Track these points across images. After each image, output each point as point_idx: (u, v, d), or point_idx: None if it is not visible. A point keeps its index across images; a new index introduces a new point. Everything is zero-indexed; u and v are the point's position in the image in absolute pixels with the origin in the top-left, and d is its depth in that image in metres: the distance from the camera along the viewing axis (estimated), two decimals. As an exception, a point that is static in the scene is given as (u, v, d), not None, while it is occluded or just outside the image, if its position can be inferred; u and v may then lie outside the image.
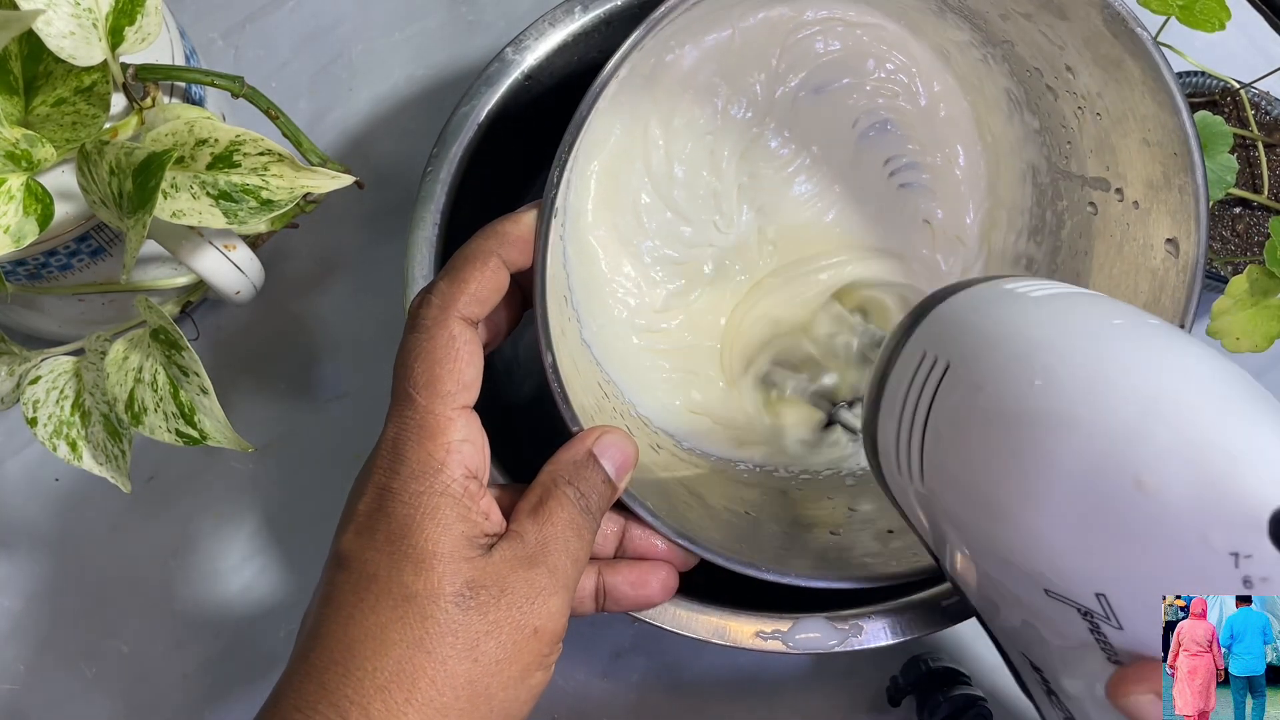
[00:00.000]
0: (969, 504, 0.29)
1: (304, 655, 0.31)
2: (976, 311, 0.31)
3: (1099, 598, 0.26)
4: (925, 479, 0.31)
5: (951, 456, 0.30)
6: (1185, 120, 0.36)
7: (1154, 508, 0.25)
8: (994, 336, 0.30)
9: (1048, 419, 0.27)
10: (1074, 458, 0.26)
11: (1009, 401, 0.28)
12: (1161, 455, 0.25)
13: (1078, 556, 0.26)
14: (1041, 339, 0.28)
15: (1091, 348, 0.28)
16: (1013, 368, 0.28)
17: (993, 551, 0.29)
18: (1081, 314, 0.29)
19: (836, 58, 0.44)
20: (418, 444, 0.31)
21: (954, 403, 0.30)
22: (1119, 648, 0.27)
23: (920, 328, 0.32)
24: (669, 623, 0.39)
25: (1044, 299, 0.30)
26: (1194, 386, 0.26)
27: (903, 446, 0.31)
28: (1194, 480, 0.24)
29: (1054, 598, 0.27)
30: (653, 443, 0.42)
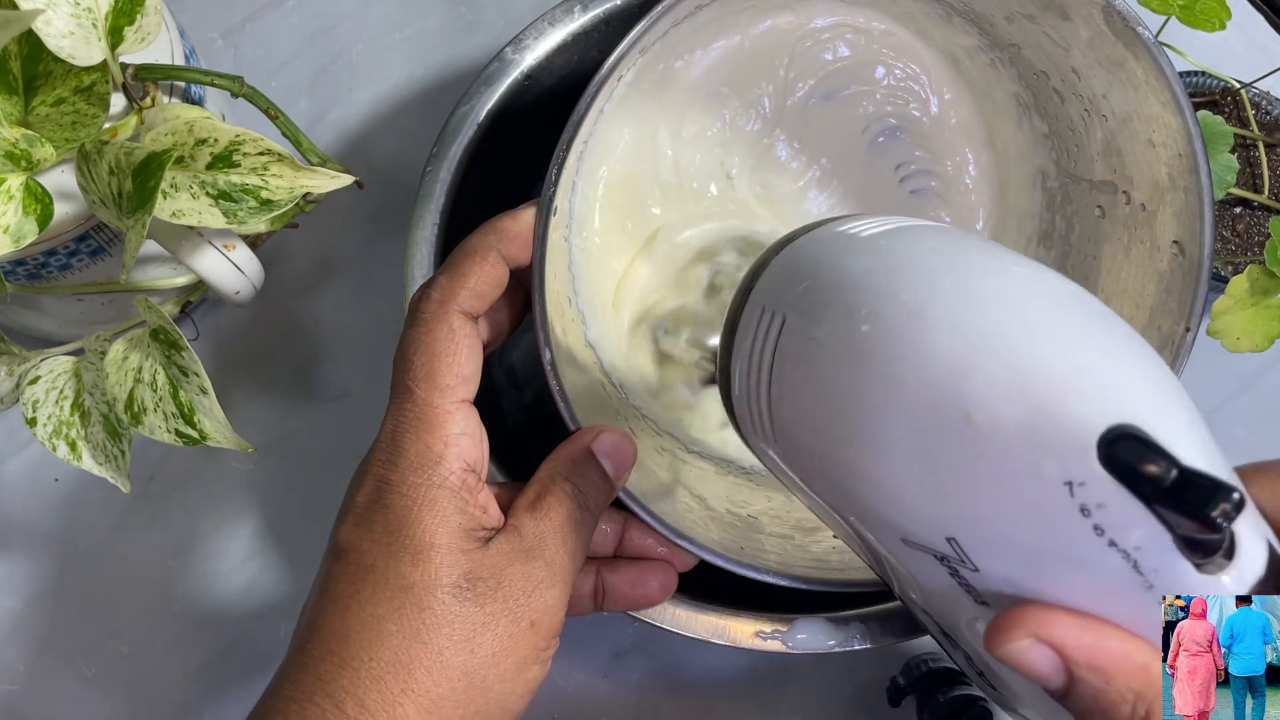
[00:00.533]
0: (818, 459, 0.28)
1: (301, 646, 0.31)
2: (808, 259, 0.30)
3: (949, 541, 0.25)
4: (777, 439, 0.30)
5: (795, 413, 0.29)
6: (1189, 121, 0.36)
7: (986, 443, 0.24)
8: (823, 283, 0.28)
9: (877, 363, 0.26)
10: (906, 400, 0.25)
11: (840, 350, 0.27)
12: (988, 388, 0.24)
13: (922, 501, 0.26)
14: (866, 280, 0.27)
15: (913, 283, 0.26)
16: (842, 313, 0.27)
17: (849, 506, 0.28)
18: (906, 248, 0.28)
19: (846, 65, 0.44)
20: (416, 436, 0.32)
21: (792, 357, 0.28)
22: (981, 589, 0.26)
23: (757, 283, 0.31)
24: (669, 622, 0.39)
25: (870, 237, 0.29)
26: (1018, 314, 0.25)
27: (754, 408, 0.30)
28: (1021, 411, 0.24)
29: (911, 546, 0.27)
30: (656, 444, 0.42)
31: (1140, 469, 0.23)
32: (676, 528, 0.36)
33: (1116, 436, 0.23)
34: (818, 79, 0.44)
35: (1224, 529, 0.22)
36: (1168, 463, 0.23)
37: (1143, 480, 0.23)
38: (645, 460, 0.38)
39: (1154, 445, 0.23)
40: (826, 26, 0.44)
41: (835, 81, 0.44)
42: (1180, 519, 0.23)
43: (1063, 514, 0.24)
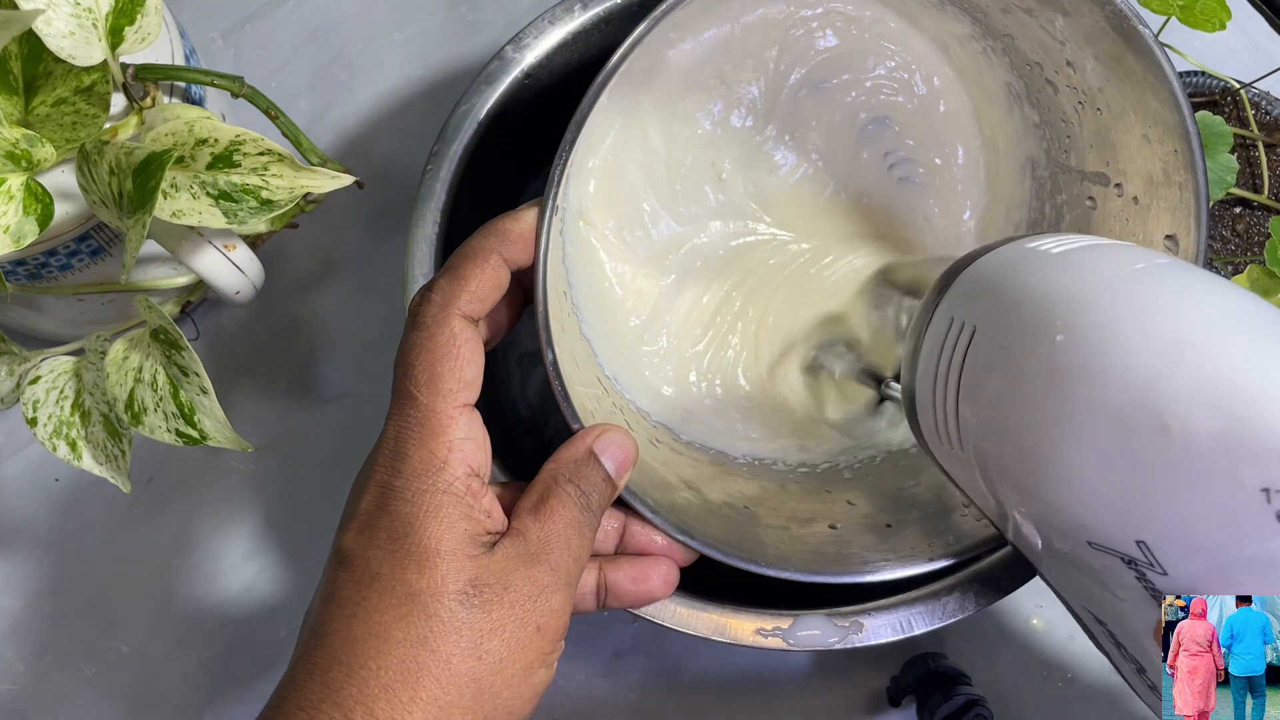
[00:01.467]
0: (1006, 464, 0.29)
1: (306, 655, 0.31)
2: (998, 273, 0.32)
3: (1140, 545, 0.26)
4: (964, 444, 0.31)
5: (985, 419, 0.30)
6: (1186, 117, 0.36)
7: (1182, 451, 0.25)
8: (1016, 295, 0.30)
9: (1072, 372, 0.27)
10: (1100, 408, 0.26)
11: (1034, 359, 0.28)
12: (1184, 398, 0.25)
13: (1114, 506, 0.26)
14: (1060, 293, 0.29)
15: (1109, 296, 0.28)
16: (1035, 324, 0.28)
17: (1036, 510, 0.29)
18: (1099, 263, 0.29)
19: (836, 54, 0.44)
20: (420, 442, 0.31)
21: (982, 365, 0.30)
22: (1168, 593, 0.27)
23: (947, 295, 0.33)
24: (669, 620, 0.39)
25: (1063, 253, 0.30)
26: (1212, 325, 0.26)
27: (939, 413, 0.32)
28: (1218, 420, 0.24)
29: (1098, 549, 0.27)
30: (651, 437, 0.42)
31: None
32: (676, 522, 0.36)
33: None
34: (808, 68, 0.44)
35: None
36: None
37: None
38: (642, 455, 0.38)
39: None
40: (816, 15, 0.44)
41: (825, 70, 0.44)
42: None
43: (1258, 520, 0.24)
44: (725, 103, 0.44)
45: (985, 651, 0.50)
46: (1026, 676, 0.50)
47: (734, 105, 0.44)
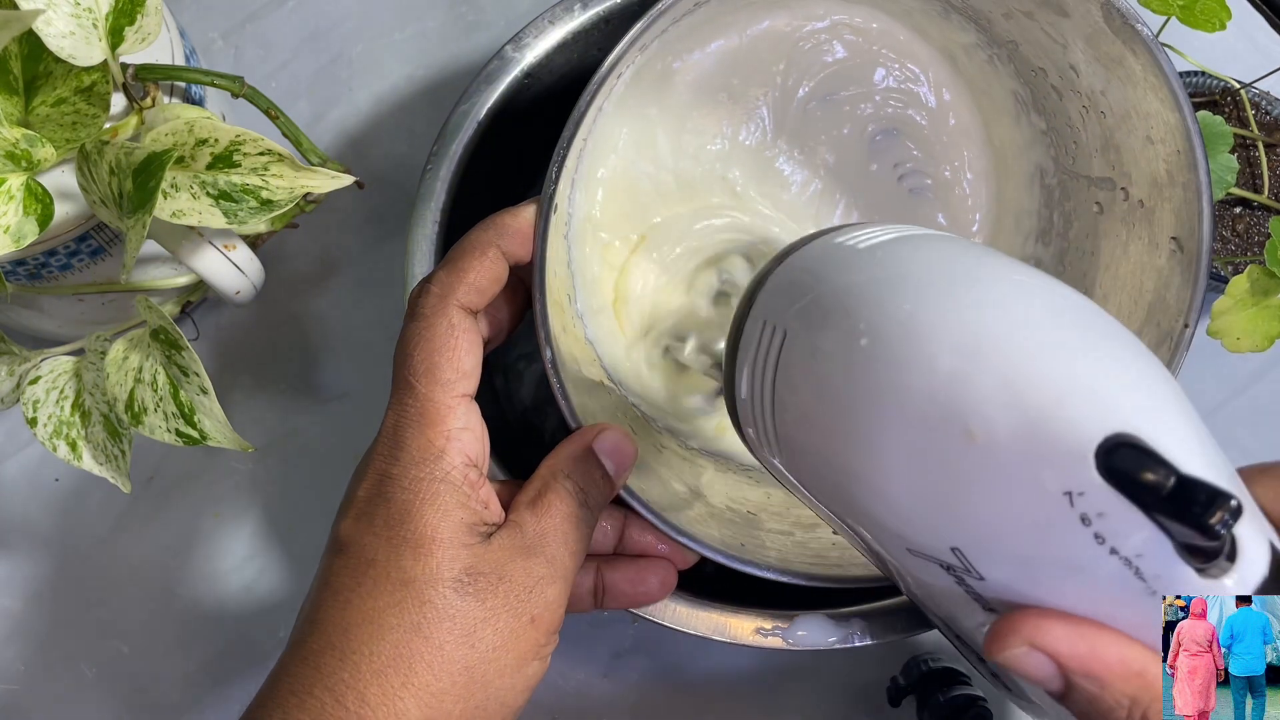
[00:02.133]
0: (822, 471, 0.28)
1: (301, 639, 0.31)
2: (808, 272, 0.30)
3: (954, 551, 0.26)
4: (781, 451, 0.30)
5: (798, 426, 0.29)
6: (1187, 117, 0.36)
7: (986, 456, 0.24)
8: (822, 297, 0.28)
9: (876, 378, 0.26)
10: (906, 415, 0.25)
11: (840, 364, 0.27)
12: (985, 401, 0.24)
13: (926, 513, 0.26)
14: (864, 293, 0.27)
15: (908, 297, 0.26)
16: (840, 328, 0.27)
17: (855, 516, 0.28)
18: (903, 258, 0.28)
19: (844, 67, 0.44)
20: (418, 431, 0.32)
21: (794, 371, 0.29)
22: (987, 597, 0.26)
23: (759, 296, 0.31)
24: (669, 620, 0.39)
25: (869, 248, 0.29)
26: (1012, 324, 0.25)
27: (759, 419, 0.30)
28: (1018, 423, 0.24)
29: (917, 555, 0.27)
30: (656, 442, 0.42)
31: (1138, 477, 0.23)
32: (676, 525, 0.36)
33: (1114, 445, 0.23)
34: (816, 82, 0.44)
35: (1223, 535, 0.22)
36: (1166, 470, 0.23)
37: (1141, 488, 0.23)
38: (644, 457, 0.38)
39: (1152, 453, 0.23)
40: (824, 27, 0.44)
41: (834, 83, 0.44)
42: (1180, 526, 0.23)
43: (1064, 523, 0.24)
44: (734, 118, 0.44)
45: (985, 651, 0.50)
46: (1026, 676, 0.50)
47: (743, 121, 0.44)
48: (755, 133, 0.44)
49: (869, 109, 0.44)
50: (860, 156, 0.45)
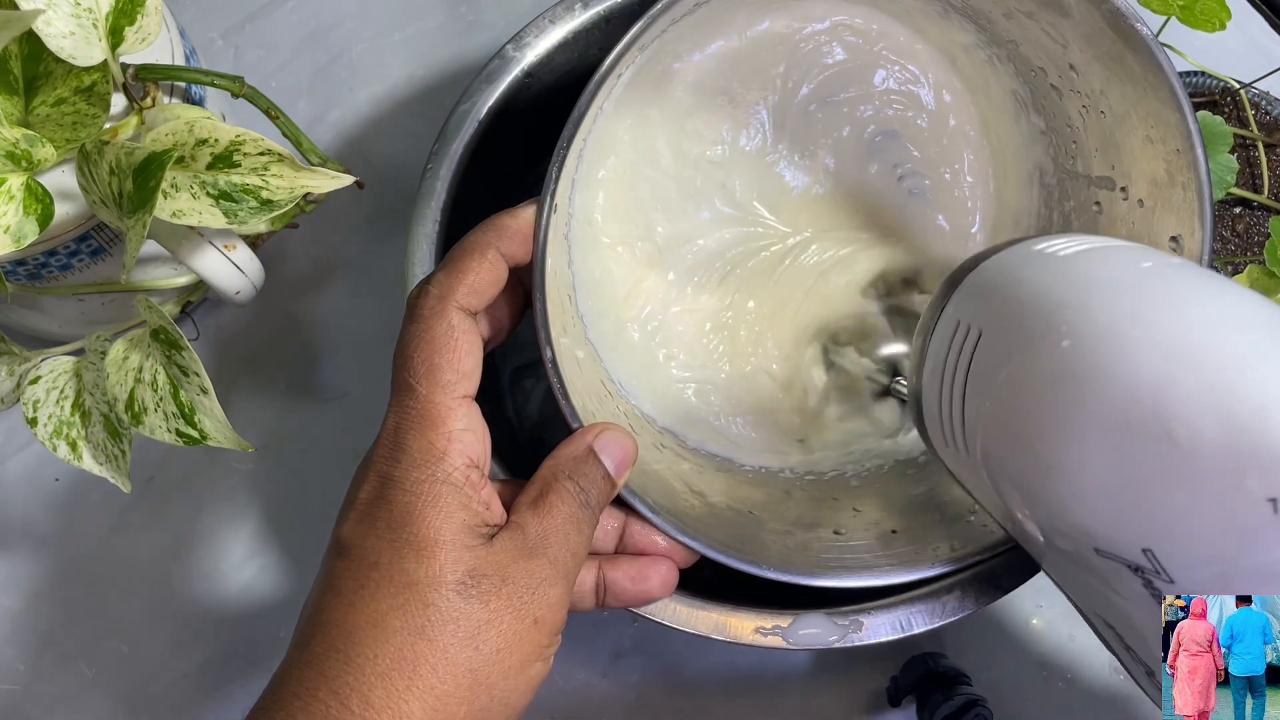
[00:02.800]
0: (1012, 470, 0.29)
1: (304, 643, 0.31)
2: (1005, 275, 0.31)
3: (1146, 553, 0.26)
4: (969, 447, 0.31)
5: (990, 423, 0.30)
6: (1187, 116, 0.36)
7: (1188, 459, 0.25)
8: (1022, 299, 0.29)
9: (1077, 378, 0.27)
10: (1106, 415, 0.26)
11: (1040, 364, 0.28)
12: (1191, 405, 0.25)
13: (1121, 513, 0.26)
14: (1066, 297, 0.28)
15: (1115, 302, 0.27)
16: (1040, 328, 0.28)
17: (1041, 515, 0.29)
18: (1105, 266, 0.29)
19: (844, 68, 0.44)
20: (419, 433, 0.31)
21: (989, 370, 0.30)
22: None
23: (954, 296, 0.32)
24: (669, 619, 0.39)
25: (1069, 256, 0.30)
26: (1218, 331, 0.26)
27: (945, 416, 0.31)
28: (1224, 428, 0.24)
29: (1104, 556, 0.27)
30: (656, 441, 0.42)
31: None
32: (677, 524, 0.36)
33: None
34: (816, 84, 0.44)
35: None
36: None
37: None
38: (645, 457, 0.38)
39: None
40: (824, 29, 0.44)
41: (834, 85, 0.44)
42: None
43: (1264, 529, 0.24)
44: (734, 123, 0.44)
45: (985, 651, 0.50)
46: (1026, 676, 0.50)
47: (743, 125, 0.44)
48: (756, 138, 0.44)
49: (869, 110, 0.44)
50: (860, 158, 0.45)
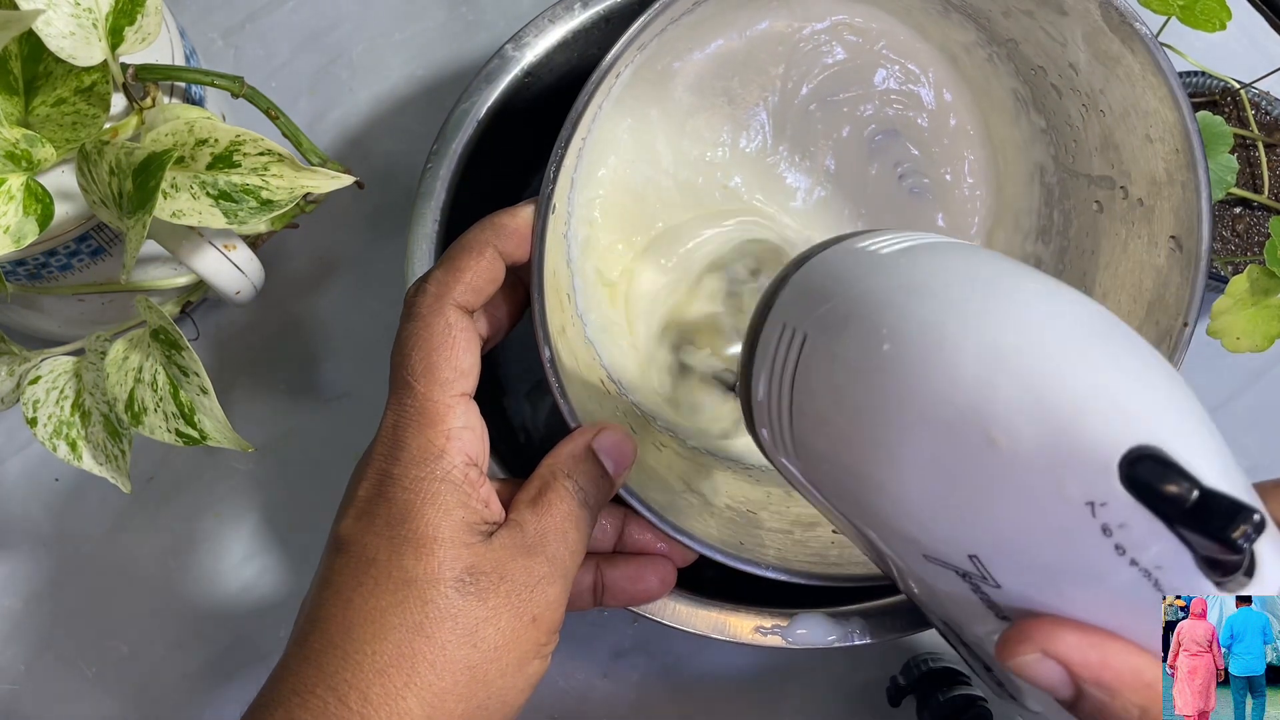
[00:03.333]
0: (840, 476, 0.28)
1: (302, 639, 0.31)
2: (828, 276, 0.30)
3: (972, 559, 0.26)
4: (797, 454, 0.30)
5: (817, 430, 0.29)
6: (1186, 115, 0.36)
7: (1008, 464, 0.24)
8: (844, 301, 0.28)
9: (898, 383, 0.26)
10: (927, 421, 0.25)
11: (861, 369, 0.27)
12: (1009, 409, 0.24)
13: (945, 520, 0.26)
14: (887, 299, 0.27)
15: (936, 303, 0.26)
16: (863, 333, 0.27)
17: (869, 521, 0.28)
18: (925, 265, 0.28)
19: (845, 68, 0.44)
20: (418, 431, 0.32)
21: (813, 375, 0.29)
22: (1002, 605, 0.27)
23: (779, 299, 0.31)
24: (669, 618, 0.39)
25: (891, 255, 0.29)
26: (1036, 332, 0.25)
27: (775, 423, 0.30)
28: (1043, 432, 0.24)
29: (932, 561, 0.27)
30: (656, 441, 0.42)
31: (1161, 490, 0.23)
32: (675, 523, 0.36)
33: (1138, 457, 0.23)
34: (817, 83, 0.44)
35: (1245, 549, 0.22)
36: (1189, 484, 0.23)
37: (1164, 501, 0.23)
38: (644, 456, 0.38)
39: (1175, 466, 0.23)
40: (824, 28, 0.44)
41: (834, 85, 0.44)
42: (1201, 539, 0.23)
43: (1084, 533, 0.24)
44: (734, 124, 0.44)
45: (985, 651, 0.50)
46: (1026, 676, 0.50)
47: (743, 127, 0.44)
48: (756, 139, 0.44)
49: (869, 110, 0.44)
50: (861, 158, 0.45)
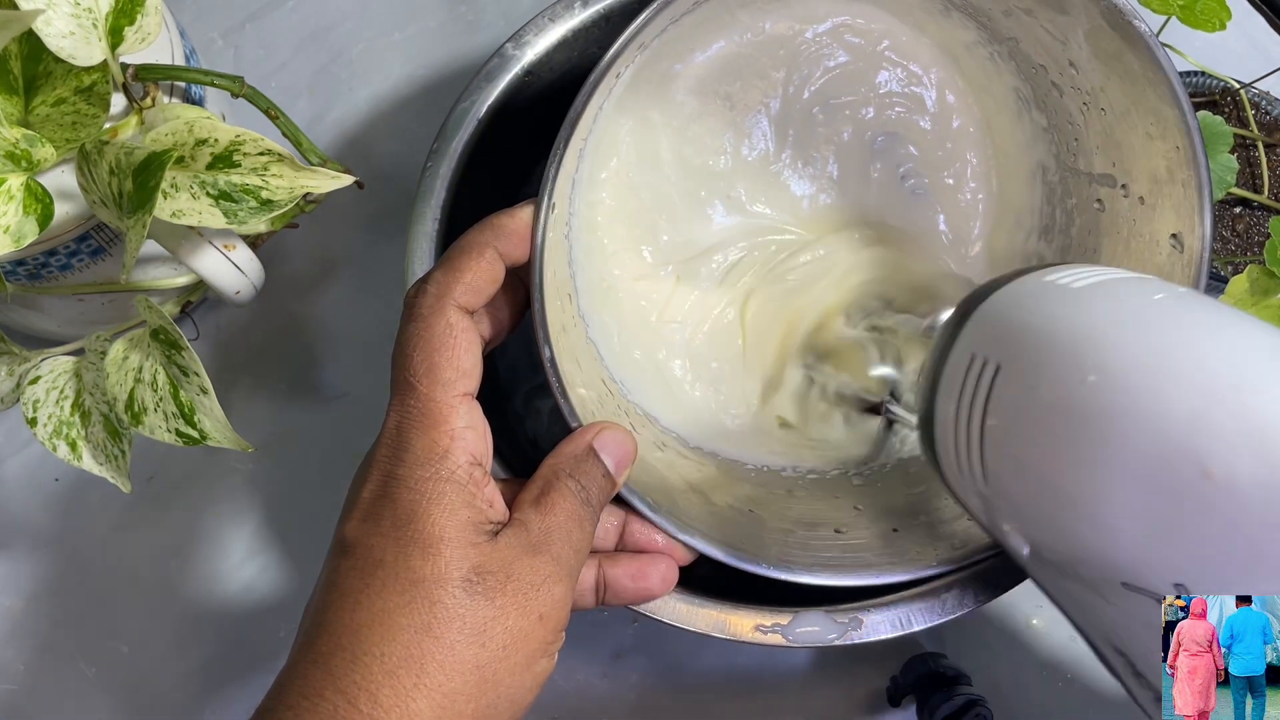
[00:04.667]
0: (1037, 503, 0.29)
1: (308, 643, 0.31)
2: (1020, 308, 0.31)
3: (1178, 586, 0.26)
4: (989, 480, 0.30)
5: (1014, 458, 0.29)
6: (1186, 112, 0.36)
7: (1224, 495, 0.24)
8: (1041, 334, 0.29)
9: (1107, 415, 0.26)
10: (1139, 452, 0.26)
11: (1065, 400, 0.27)
12: (1226, 443, 0.24)
13: (1153, 549, 0.26)
14: (1089, 332, 0.28)
15: (1142, 336, 0.27)
16: (1064, 365, 0.28)
17: (1066, 549, 0.29)
18: (1127, 300, 0.29)
19: (846, 71, 0.44)
20: (422, 431, 0.31)
21: (1010, 404, 0.29)
22: None
23: (965, 329, 0.32)
24: (669, 616, 0.39)
25: (1086, 289, 0.30)
26: (1252, 367, 0.26)
27: (962, 449, 0.31)
28: (1261, 466, 0.24)
29: (1132, 589, 0.27)
30: (657, 440, 0.42)
31: None
32: (676, 523, 0.36)
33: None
34: (818, 87, 0.44)
35: None
36: None
37: None
38: (645, 456, 0.38)
39: None
40: (826, 30, 0.44)
41: (836, 87, 0.44)
42: None
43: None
44: (736, 128, 0.44)
45: (985, 651, 0.50)
46: (1026, 676, 0.50)
47: (745, 131, 0.44)
48: (759, 143, 0.44)
49: (871, 112, 0.44)
50: (863, 161, 0.45)
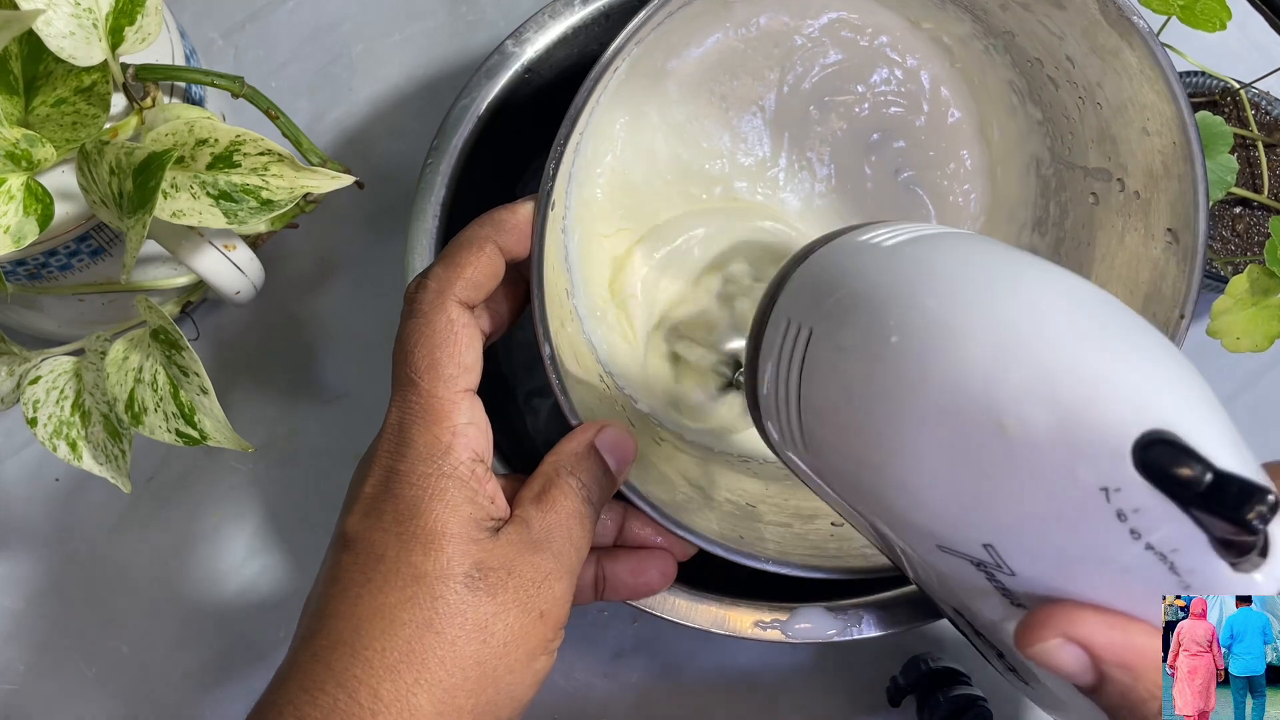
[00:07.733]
0: (850, 470, 0.28)
1: (309, 637, 0.31)
2: (831, 270, 0.30)
3: (986, 548, 0.26)
4: (808, 449, 0.30)
5: (826, 424, 0.29)
6: (1183, 109, 0.36)
7: (1020, 451, 0.24)
8: (849, 294, 0.28)
9: (907, 374, 0.26)
10: (937, 411, 0.25)
11: (869, 362, 0.27)
12: (1020, 396, 0.24)
13: (958, 509, 0.26)
14: (892, 291, 0.27)
15: (940, 293, 0.26)
16: (868, 325, 0.27)
17: (882, 514, 0.28)
18: (929, 256, 0.28)
19: (841, 68, 0.44)
20: (423, 427, 0.32)
21: (820, 369, 0.29)
22: (1017, 592, 0.27)
23: (782, 293, 0.31)
24: (669, 613, 0.39)
25: (894, 247, 0.29)
26: (1046, 320, 0.25)
27: (783, 418, 0.30)
28: (1055, 418, 0.24)
29: (946, 552, 0.27)
30: (655, 435, 0.42)
31: (1175, 473, 0.23)
32: (675, 518, 0.36)
33: (1151, 441, 0.23)
34: (814, 83, 0.44)
35: (1260, 530, 0.23)
36: (1202, 466, 0.23)
37: (1178, 484, 0.23)
38: (644, 452, 0.38)
39: (1188, 449, 0.23)
40: (820, 26, 0.44)
41: (831, 83, 0.44)
42: (1216, 521, 0.23)
43: (1099, 519, 0.24)
44: (732, 126, 0.44)
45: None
46: (1026, 676, 0.50)
47: (740, 128, 0.44)
48: (754, 141, 0.44)
49: (866, 107, 0.45)
50: (858, 157, 0.45)
